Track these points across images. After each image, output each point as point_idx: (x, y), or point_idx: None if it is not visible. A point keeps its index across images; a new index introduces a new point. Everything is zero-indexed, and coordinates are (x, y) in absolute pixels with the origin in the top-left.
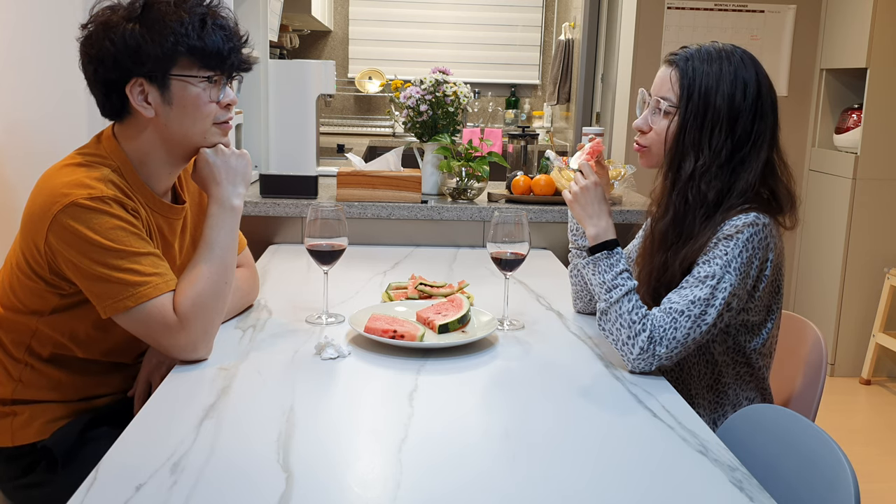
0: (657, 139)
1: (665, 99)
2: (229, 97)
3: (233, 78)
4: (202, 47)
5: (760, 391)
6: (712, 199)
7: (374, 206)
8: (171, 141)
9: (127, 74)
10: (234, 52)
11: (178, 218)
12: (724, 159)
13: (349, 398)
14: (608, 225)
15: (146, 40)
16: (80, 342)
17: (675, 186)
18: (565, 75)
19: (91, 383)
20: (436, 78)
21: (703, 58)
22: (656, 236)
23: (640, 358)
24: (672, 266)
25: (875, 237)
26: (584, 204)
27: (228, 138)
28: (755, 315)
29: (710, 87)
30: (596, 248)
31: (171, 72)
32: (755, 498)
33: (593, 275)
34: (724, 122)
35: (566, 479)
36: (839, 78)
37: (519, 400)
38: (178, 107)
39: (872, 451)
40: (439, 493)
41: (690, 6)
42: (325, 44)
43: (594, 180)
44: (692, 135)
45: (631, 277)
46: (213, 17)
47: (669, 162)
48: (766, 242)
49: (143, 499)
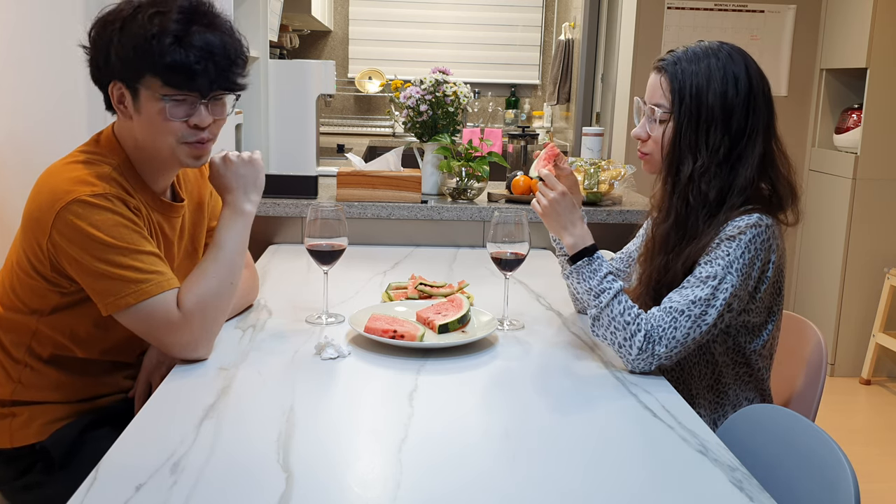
0: (655, 146)
1: (658, 106)
2: (199, 118)
3: (212, 98)
4: (166, 65)
5: (760, 392)
6: (714, 197)
7: (374, 206)
8: (145, 148)
9: (108, 75)
10: (208, 73)
11: (177, 216)
12: (721, 157)
13: (349, 398)
14: (583, 231)
15: (116, 49)
16: (81, 341)
17: (675, 189)
18: (565, 75)
19: (91, 384)
20: (436, 78)
21: (691, 58)
22: (657, 239)
23: (639, 358)
24: (674, 267)
25: (875, 237)
26: (555, 216)
27: (228, 151)
28: (756, 316)
29: (700, 86)
30: (576, 256)
31: (137, 83)
32: (755, 498)
33: (579, 283)
34: (718, 120)
35: (566, 479)
36: (839, 78)
37: (519, 400)
38: (145, 118)
39: (872, 451)
40: (439, 493)
41: (690, 6)
42: (325, 44)
43: (560, 190)
44: (688, 137)
45: (616, 279)
46: (196, 32)
47: (668, 166)
48: (768, 244)
49: (143, 499)
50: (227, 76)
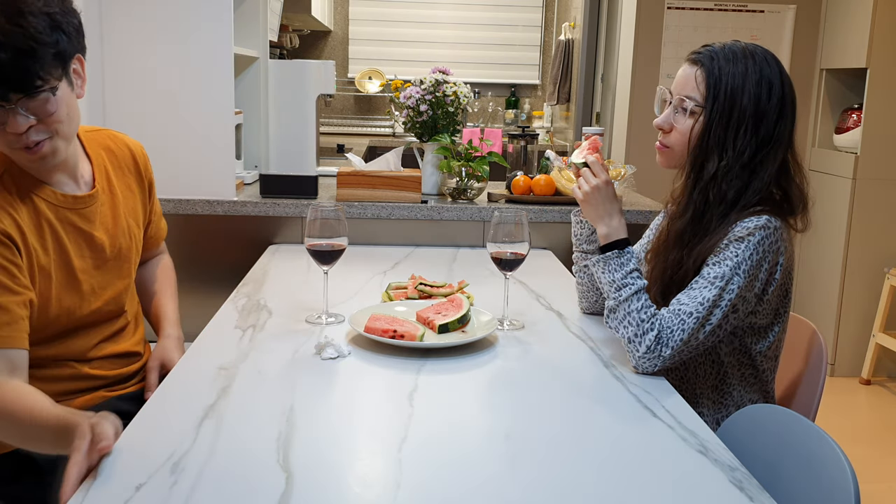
0: (680, 139)
1: (690, 98)
2: (13, 127)
3: (22, 101)
4: None
5: (764, 393)
6: (731, 198)
7: (374, 206)
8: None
9: None
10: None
11: (88, 206)
12: (746, 160)
13: (349, 398)
14: (619, 224)
15: None
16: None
17: (696, 186)
18: (565, 75)
19: (56, 385)
20: (436, 78)
21: (728, 57)
22: (672, 234)
23: (645, 357)
24: (686, 263)
25: (875, 237)
26: (595, 204)
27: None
28: (763, 318)
29: (736, 86)
30: (606, 247)
31: None
32: (755, 498)
33: (603, 273)
34: (749, 123)
35: (566, 479)
36: (839, 78)
37: (519, 400)
38: None
39: (872, 451)
40: (439, 493)
41: (690, 6)
42: (325, 44)
43: (605, 179)
44: (717, 135)
45: (641, 277)
46: None
47: (692, 161)
48: (776, 246)
49: (143, 499)
50: (20, 78)
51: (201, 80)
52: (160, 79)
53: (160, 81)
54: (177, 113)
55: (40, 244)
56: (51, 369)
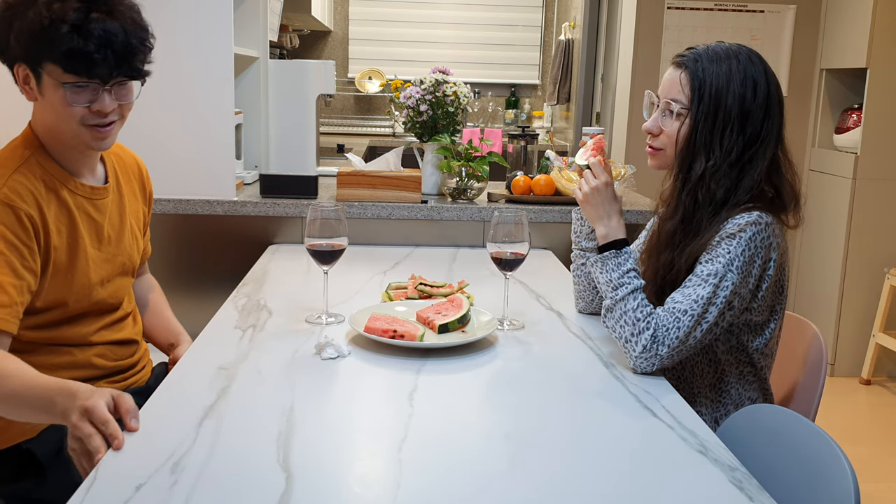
0: (669, 141)
1: (675, 101)
2: (101, 105)
3: (116, 84)
4: (63, 54)
5: (762, 391)
6: (721, 197)
7: (374, 206)
8: (53, 131)
9: (10, 58)
10: (108, 61)
11: (102, 198)
12: (734, 159)
13: (349, 398)
14: (618, 224)
15: (16, 34)
16: (27, 341)
17: (685, 187)
18: (565, 75)
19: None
20: (436, 78)
21: (712, 58)
22: (663, 235)
23: (642, 356)
24: (678, 263)
25: (875, 237)
26: (595, 204)
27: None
28: (758, 315)
29: (720, 87)
30: (605, 247)
31: (39, 68)
32: (755, 498)
33: (601, 273)
34: (735, 122)
35: (565, 479)
36: (839, 78)
37: (519, 400)
38: (48, 101)
39: (872, 451)
40: (439, 493)
41: (690, 6)
42: (325, 44)
43: (605, 180)
44: (703, 136)
45: (638, 276)
46: (96, 20)
47: (680, 163)
48: (768, 242)
49: (143, 499)
50: (128, 63)
51: (201, 80)
52: (160, 79)
53: (160, 81)
54: (177, 113)
55: (58, 229)
56: (48, 356)
